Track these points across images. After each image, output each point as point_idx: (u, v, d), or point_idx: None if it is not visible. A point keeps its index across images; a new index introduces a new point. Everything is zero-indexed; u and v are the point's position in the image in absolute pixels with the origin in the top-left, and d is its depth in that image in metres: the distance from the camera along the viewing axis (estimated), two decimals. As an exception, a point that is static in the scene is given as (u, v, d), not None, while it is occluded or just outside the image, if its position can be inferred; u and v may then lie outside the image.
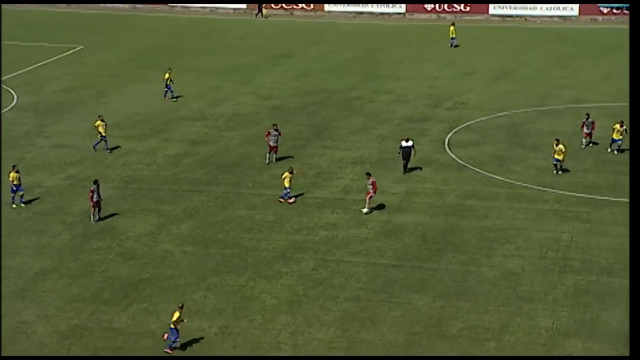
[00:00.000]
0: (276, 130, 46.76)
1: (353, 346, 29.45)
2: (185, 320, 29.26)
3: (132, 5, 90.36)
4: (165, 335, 29.21)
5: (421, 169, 44.74)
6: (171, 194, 42.74)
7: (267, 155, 46.71)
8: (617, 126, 46.43)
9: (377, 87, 61.82)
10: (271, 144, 46.50)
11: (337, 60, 70.23)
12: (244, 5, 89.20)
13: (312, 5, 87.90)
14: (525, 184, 42.76)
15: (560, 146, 42.99)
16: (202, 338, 30.04)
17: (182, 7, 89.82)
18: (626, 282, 32.69)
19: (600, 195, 40.92)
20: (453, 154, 47.61)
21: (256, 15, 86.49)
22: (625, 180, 42.48)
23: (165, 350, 29.22)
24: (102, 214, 39.50)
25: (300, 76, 65.41)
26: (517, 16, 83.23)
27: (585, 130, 47.30)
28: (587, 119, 47.27)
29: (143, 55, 72.06)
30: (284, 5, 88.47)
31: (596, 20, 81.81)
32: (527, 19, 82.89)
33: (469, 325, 30.43)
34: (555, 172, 43.28)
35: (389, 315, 31.29)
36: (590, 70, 64.44)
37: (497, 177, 43.84)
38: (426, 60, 69.12)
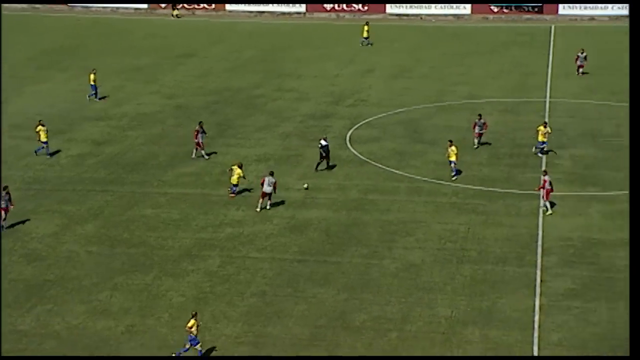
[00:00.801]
0: (202, 128, 46.48)
1: (260, 341, 29.43)
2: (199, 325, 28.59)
3: (31, 5, 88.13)
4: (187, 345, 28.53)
5: (332, 167, 44.80)
6: (75, 194, 41.90)
7: (194, 151, 46.60)
8: (541, 128, 45.61)
9: (280, 85, 61.90)
10: (199, 141, 46.35)
11: (239, 59, 70.05)
12: (145, 5, 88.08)
13: (213, 5, 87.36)
14: (424, 178, 43.45)
15: (453, 147, 43.14)
16: (109, 337, 29.55)
17: (82, 7, 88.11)
18: (519, 270, 33.60)
19: (494, 188, 41.89)
20: (354, 149, 48.04)
21: (172, 14, 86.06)
22: (517, 173, 43.64)
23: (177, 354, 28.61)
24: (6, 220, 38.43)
25: (203, 75, 64.97)
26: (413, 15, 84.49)
27: (476, 130, 47.33)
28: (479, 119, 47.30)
29: (43, 55, 70.41)
30: (185, 5, 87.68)
31: (487, 18, 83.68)
32: (423, 17, 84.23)
33: (372, 316, 30.78)
34: (452, 176, 42.81)
35: (295, 310, 31.39)
36: (483, 67, 65.89)
37: (398, 171, 44.43)
38: (327, 58, 69.55)
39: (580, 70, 61.16)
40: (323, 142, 44.42)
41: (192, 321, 28.28)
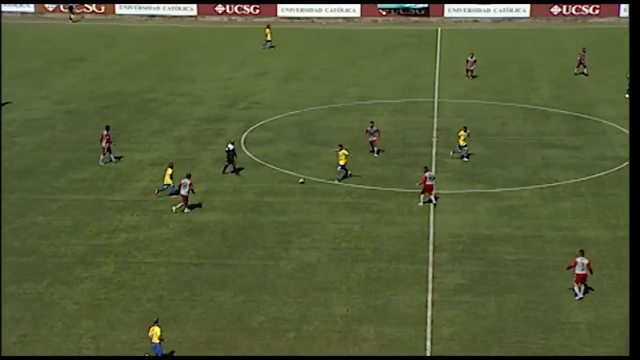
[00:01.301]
0: (107, 133, 45.71)
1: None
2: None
3: None
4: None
5: (239, 170, 44.48)
6: (-38, 203, 40.48)
7: (102, 156, 45.72)
8: (462, 132, 45.58)
9: (173, 89, 61.23)
10: (104, 145, 45.57)
11: (131, 63, 68.95)
12: (32, 9, 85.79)
13: (102, 8, 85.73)
14: (319, 179, 43.70)
15: (344, 151, 42.82)
16: None
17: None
18: (412, 267, 34.16)
19: (386, 187, 42.45)
20: (249, 152, 47.93)
21: (70, 18, 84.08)
22: (408, 172, 44.31)
23: None
24: None
25: (94, 80, 63.69)
26: (305, 18, 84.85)
27: (369, 137, 46.66)
28: (371, 127, 46.75)
29: None
30: (74, 8, 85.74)
31: (376, 21, 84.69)
32: (314, 20, 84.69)
33: (270, 317, 30.78)
34: (337, 180, 42.75)
35: (192, 313, 31.11)
36: (373, 69, 66.68)
37: (292, 173, 44.55)
38: (220, 61, 69.19)
39: (470, 73, 62.49)
40: (230, 146, 44.19)
41: (157, 328, 27.77)
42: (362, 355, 28.46)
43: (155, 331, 27.87)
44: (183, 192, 39.46)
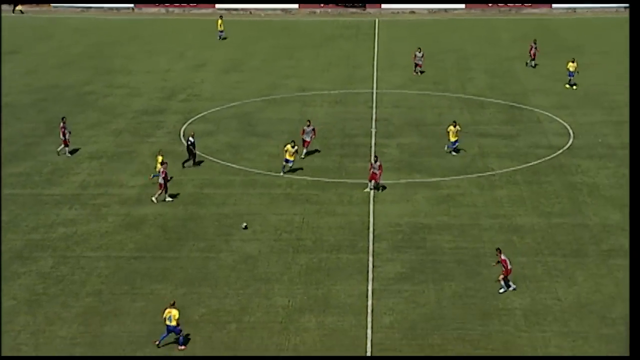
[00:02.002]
0: (63, 124, 45.26)
1: (96, 341, 28.65)
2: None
3: None
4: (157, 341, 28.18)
5: (199, 163, 43.96)
6: None
7: (61, 147, 45.45)
8: (452, 128, 44.95)
9: (110, 81, 60.43)
10: (64, 138, 45.30)
11: (67, 55, 67.83)
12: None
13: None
14: (259, 171, 43.54)
15: (288, 146, 42.06)
16: (-63, 347, 28.02)
17: None
18: (353, 257, 34.26)
19: (326, 178, 42.49)
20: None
21: (13, 11, 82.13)
22: (348, 162, 44.45)
23: (179, 348, 28.03)
24: None
25: (29, 72, 62.53)
26: (243, 9, 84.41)
27: (305, 137, 45.22)
28: (308, 126, 45.56)
29: None
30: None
31: (315, 12, 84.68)
32: (252, 12, 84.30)
33: (211, 309, 30.59)
34: (283, 173, 42.44)
35: (132, 307, 30.77)
36: (312, 60, 66.67)
37: (233, 165, 44.31)
38: (157, 53, 68.46)
39: (419, 69, 61.32)
40: (191, 139, 43.70)
41: (175, 311, 27.81)
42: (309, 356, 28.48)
43: (174, 314, 27.86)
44: (160, 180, 39.51)
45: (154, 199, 39.44)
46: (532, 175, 42.54)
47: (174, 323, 27.97)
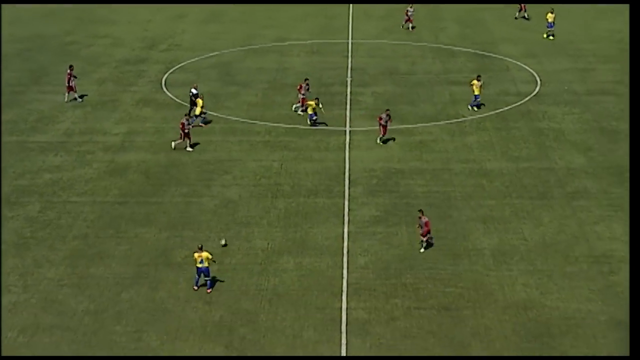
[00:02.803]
0: (70, 71, 45.04)
1: (83, 282, 28.61)
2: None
3: None
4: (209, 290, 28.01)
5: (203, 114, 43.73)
6: None
7: (66, 95, 45.29)
8: (475, 82, 43.51)
9: (93, 31, 59.51)
10: (70, 84, 45.16)
11: (49, 5, 66.48)
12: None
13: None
14: (239, 119, 43.23)
15: (312, 102, 40.72)
16: None
17: None
18: (329, 201, 34.24)
19: (304, 125, 42.26)
20: (170, 93, 47.07)
21: None
22: (326, 112, 44.13)
23: (208, 290, 27.96)
24: None
25: (13, 22, 61.36)
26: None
27: (300, 95, 43.11)
28: (306, 83, 43.45)
29: None
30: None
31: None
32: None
33: (193, 252, 30.42)
34: (309, 122, 41.00)
35: (117, 250, 30.69)
36: (289, 11, 65.84)
37: (213, 113, 43.93)
38: (139, 4, 67.31)
39: (410, 24, 59.64)
40: (194, 91, 42.98)
41: (206, 254, 27.75)
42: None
43: (204, 256, 27.72)
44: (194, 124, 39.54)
45: (182, 143, 39.00)
46: (501, 122, 42.54)
47: (206, 264, 27.75)
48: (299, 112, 43.24)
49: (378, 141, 39.58)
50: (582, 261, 29.62)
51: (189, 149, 38.94)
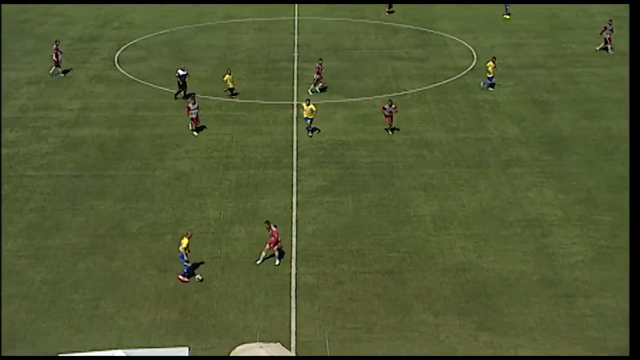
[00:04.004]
0: (56, 46, 44.41)
1: (40, 253, 28.17)
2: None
3: None
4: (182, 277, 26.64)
5: (189, 95, 42.86)
6: None
7: (53, 68, 44.62)
8: (490, 63, 42.42)
9: (46, 10, 58.09)
10: (57, 59, 44.48)
11: (3, -16, 64.67)
12: None
13: None
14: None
15: (312, 106, 36.84)
16: None
17: None
18: (278, 172, 34.09)
19: (253, 100, 41.94)
20: (123, 70, 46.26)
21: None
22: (272, 85, 43.87)
23: (179, 276, 26.52)
24: None
25: (-33, 1, 59.58)
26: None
27: (317, 76, 42.10)
28: (320, 63, 41.95)
29: None
30: None
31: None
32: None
33: (148, 223, 30.24)
34: (309, 134, 37.36)
35: (74, 222, 30.21)
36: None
37: (165, 89, 43.33)
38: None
39: (390, 7, 57.53)
40: (181, 72, 41.81)
41: (186, 240, 26.35)
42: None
43: (182, 242, 26.29)
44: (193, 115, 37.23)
45: (190, 128, 37.48)
46: (440, 95, 42.74)
47: (180, 250, 26.39)
48: (316, 91, 42.19)
49: (390, 133, 37.21)
50: (515, 225, 30.03)
51: (195, 133, 37.31)
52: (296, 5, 60.27)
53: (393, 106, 37.11)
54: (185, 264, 26.55)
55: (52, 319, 24.84)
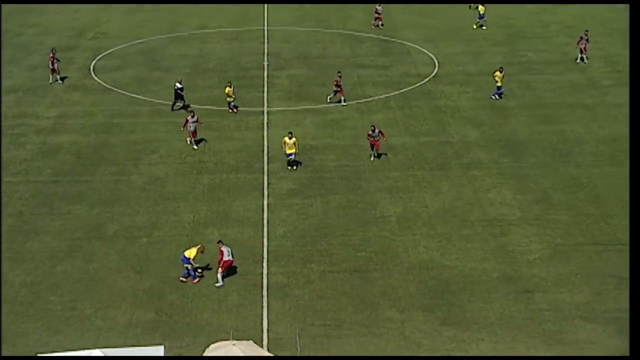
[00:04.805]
0: (53, 54, 44.31)
1: (19, 256, 27.77)
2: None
3: None
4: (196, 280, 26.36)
5: (187, 106, 42.41)
6: None
7: (50, 76, 44.39)
8: (498, 73, 42.09)
9: (23, 21, 57.41)
10: (53, 67, 44.31)
11: (-19, -4, 63.85)
12: None
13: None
14: (164, 102, 42.44)
15: (294, 139, 34.19)
16: None
17: None
18: (250, 176, 33.96)
19: (225, 107, 41.74)
20: (99, 78, 45.86)
21: None
22: (244, 92, 43.75)
23: (180, 278, 26.32)
24: None
25: (-55, 12, 58.72)
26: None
27: (336, 88, 41.70)
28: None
29: None
30: None
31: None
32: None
33: (124, 226, 29.97)
34: (290, 168, 34.43)
35: (52, 226, 29.85)
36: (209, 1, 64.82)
37: (140, 96, 43.04)
38: (67, -5, 65.33)
39: (379, 22, 56.51)
40: (178, 85, 41.23)
41: (194, 251, 26.03)
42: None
43: (190, 250, 26.17)
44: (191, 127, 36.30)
45: (189, 141, 36.60)
46: (404, 101, 42.92)
47: (186, 255, 26.09)
48: (342, 101, 41.74)
49: (372, 158, 35.03)
50: (476, 225, 30.23)
51: (195, 147, 36.47)
52: (265, 15, 60.19)
53: (378, 130, 34.71)
54: (187, 266, 26.39)
55: (31, 320, 24.51)
